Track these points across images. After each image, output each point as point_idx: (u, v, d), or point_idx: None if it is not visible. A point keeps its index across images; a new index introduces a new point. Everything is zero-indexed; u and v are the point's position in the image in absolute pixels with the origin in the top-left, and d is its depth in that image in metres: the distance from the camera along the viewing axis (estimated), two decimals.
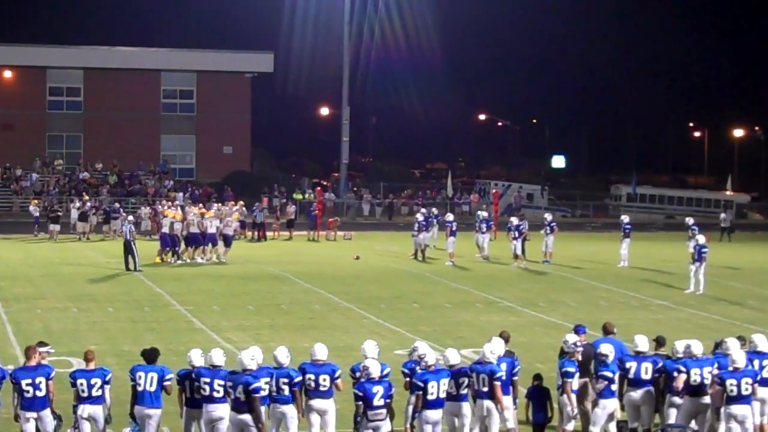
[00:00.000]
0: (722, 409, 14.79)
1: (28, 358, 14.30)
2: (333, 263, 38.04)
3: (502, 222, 51.39)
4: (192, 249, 37.38)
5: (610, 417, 15.03)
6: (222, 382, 13.93)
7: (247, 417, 13.80)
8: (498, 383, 14.42)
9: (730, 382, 14.64)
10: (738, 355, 14.88)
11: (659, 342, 16.23)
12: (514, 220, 39.23)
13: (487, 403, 14.49)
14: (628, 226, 38.31)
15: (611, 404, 14.98)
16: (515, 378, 15.03)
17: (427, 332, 24.26)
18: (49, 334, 23.41)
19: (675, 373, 15.02)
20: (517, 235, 37.85)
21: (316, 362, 14.53)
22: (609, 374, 14.91)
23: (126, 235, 34.93)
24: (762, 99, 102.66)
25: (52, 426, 14.13)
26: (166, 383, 14.16)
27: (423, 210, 42.46)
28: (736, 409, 14.66)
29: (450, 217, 41.11)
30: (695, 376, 14.96)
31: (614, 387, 14.95)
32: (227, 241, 38.03)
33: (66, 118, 69.09)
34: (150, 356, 14.42)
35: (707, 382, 15.00)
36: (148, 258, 36.16)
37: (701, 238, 32.62)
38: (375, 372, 14.02)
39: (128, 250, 34.68)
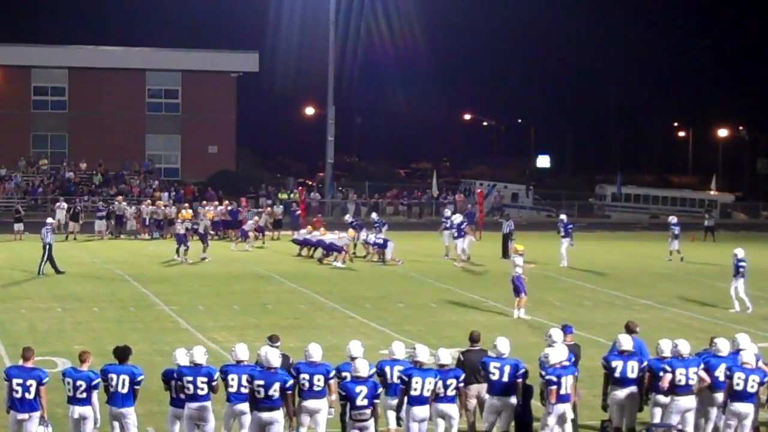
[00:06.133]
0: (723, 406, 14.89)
1: (25, 360, 14.14)
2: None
3: (488, 222, 51.42)
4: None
5: (561, 419, 14.81)
6: (205, 379, 13.93)
7: (277, 415, 13.93)
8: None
9: (738, 376, 14.74)
10: (748, 355, 14.97)
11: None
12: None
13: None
14: (570, 226, 39.15)
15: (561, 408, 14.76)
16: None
17: (413, 332, 24.30)
18: (33, 334, 23.43)
19: (660, 373, 15.06)
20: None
21: (311, 362, 14.51)
22: (553, 378, 14.65)
23: (45, 238, 33.52)
24: (746, 99, 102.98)
25: (37, 429, 14.01)
26: (136, 387, 14.04)
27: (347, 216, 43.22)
28: (739, 406, 14.79)
29: (374, 216, 41.66)
30: (680, 376, 15.00)
31: (558, 389, 14.64)
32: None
33: (51, 118, 68.92)
34: (121, 354, 14.29)
35: (692, 382, 15.04)
36: (134, 257, 36.05)
37: (740, 252, 28.85)
38: (363, 371, 14.05)
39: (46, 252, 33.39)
